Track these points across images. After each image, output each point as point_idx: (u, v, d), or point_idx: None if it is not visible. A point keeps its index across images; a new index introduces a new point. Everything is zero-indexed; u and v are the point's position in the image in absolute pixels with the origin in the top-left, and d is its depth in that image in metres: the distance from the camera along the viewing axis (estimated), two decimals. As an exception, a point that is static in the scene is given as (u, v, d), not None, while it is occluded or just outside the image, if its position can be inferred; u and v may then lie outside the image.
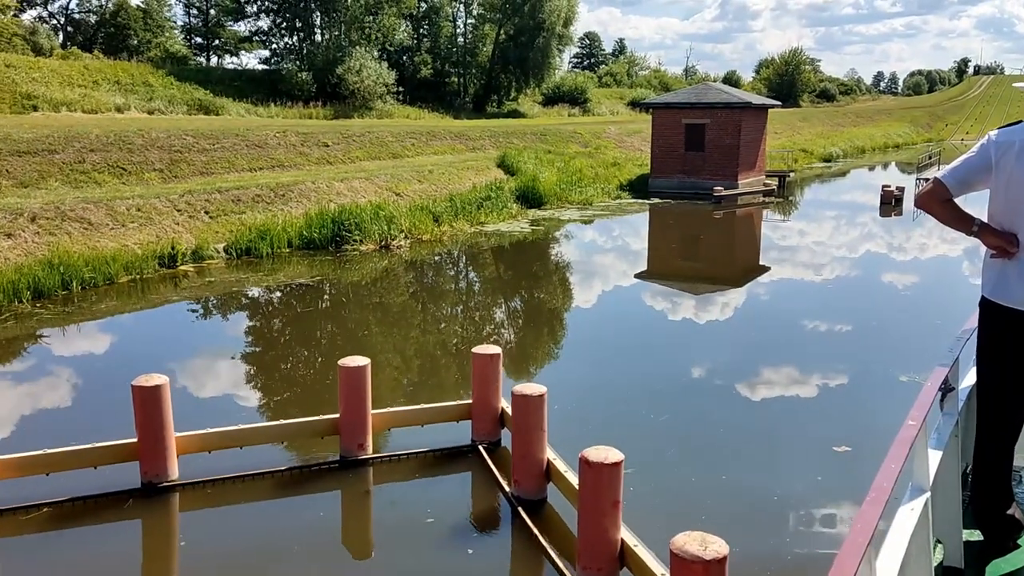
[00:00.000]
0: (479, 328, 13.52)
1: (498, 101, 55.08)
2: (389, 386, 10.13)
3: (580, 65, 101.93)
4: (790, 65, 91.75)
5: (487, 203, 24.68)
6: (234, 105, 38.35)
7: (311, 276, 17.19)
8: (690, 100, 31.92)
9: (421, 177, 26.30)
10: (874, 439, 8.51)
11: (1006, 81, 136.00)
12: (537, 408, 6.79)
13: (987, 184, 3.42)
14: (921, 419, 2.77)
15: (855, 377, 10.93)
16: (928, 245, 23.50)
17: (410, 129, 32.92)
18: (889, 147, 63.34)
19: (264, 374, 11.04)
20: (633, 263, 20.19)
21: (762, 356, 11.78)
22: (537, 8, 51.89)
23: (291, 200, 21.50)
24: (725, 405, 9.75)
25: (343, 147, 28.11)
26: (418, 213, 22.02)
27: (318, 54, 44.05)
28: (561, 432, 8.30)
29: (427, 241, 20.88)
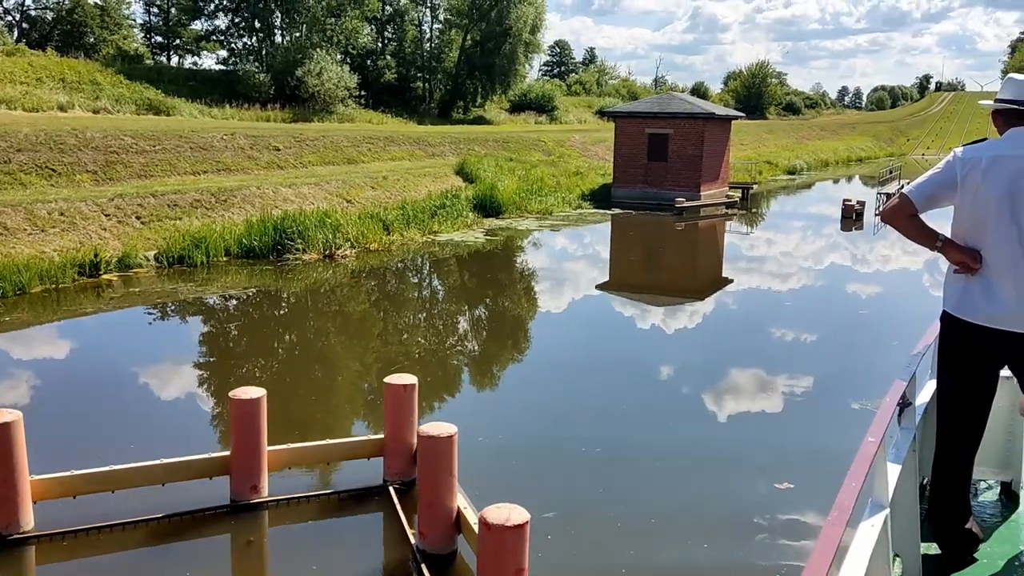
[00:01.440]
0: (410, 349, 12.66)
1: (464, 107, 54.27)
2: (296, 418, 9.25)
3: (550, 73, 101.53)
4: (757, 78, 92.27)
5: (442, 211, 23.88)
6: (187, 106, 37.08)
7: (244, 287, 16.26)
8: (653, 109, 31.44)
9: (375, 183, 25.43)
10: (817, 475, 7.90)
11: (967, 98, 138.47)
12: (446, 450, 6.00)
13: (952, 200, 3.39)
14: (880, 435, 2.77)
15: (807, 403, 10.31)
16: (890, 257, 23.20)
17: (368, 134, 32.02)
18: (852, 161, 63.70)
19: (152, 403, 9.94)
20: (589, 275, 19.51)
21: (714, 379, 11.12)
22: (504, 15, 51.25)
23: (233, 206, 20.51)
24: (667, 434, 9.05)
25: (295, 151, 27.14)
26: (367, 221, 21.14)
27: (277, 55, 42.92)
28: (484, 470, 7.53)
29: (375, 251, 20.01)
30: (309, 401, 10.14)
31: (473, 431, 8.32)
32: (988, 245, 3.31)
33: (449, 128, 41.22)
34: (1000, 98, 3.42)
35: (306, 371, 11.30)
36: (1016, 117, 3.35)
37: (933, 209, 3.40)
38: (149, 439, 8.20)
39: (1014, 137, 3.33)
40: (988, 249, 3.31)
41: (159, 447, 7.22)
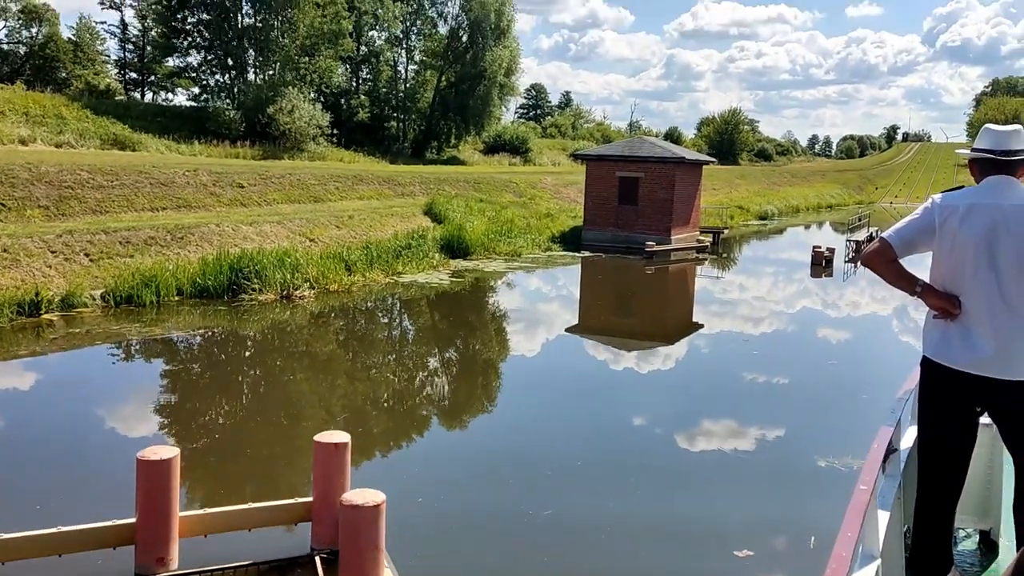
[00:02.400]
0: (354, 401, 12.04)
1: (438, 147, 54.18)
2: (216, 478, 8.59)
3: (527, 116, 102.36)
4: (729, 124, 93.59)
5: (407, 252, 23.40)
6: (154, 141, 36.50)
7: (192, 329, 15.60)
8: (624, 153, 31.40)
9: (340, 222, 24.94)
10: (779, 540, 7.40)
11: (933, 148, 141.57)
12: (371, 521, 5.44)
13: (930, 246, 3.40)
14: (872, 483, 2.78)
15: (772, 460, 9.84)
16: (859, 304, 23.05)
17: (336, 172, 31.61)
18: (822, 207, 64.38)
19: (56, 461, 9.05)
20: (556, 319, 19.07)
21: (676, 434, 10.64)
22: (479, 57, 51.51)
23: (190, 243, 19.89)
24: (624, 495, 8.51)
25: (260, 188, 26.61)
26: (329, 261, 20.60)
27: (249, 93, 42.61)
28: (420, 539, 6.94)
29: (334, 292, 19.43)
30: (233, 459, 9.43)
31: (413, 492, 7.75)
32: (967, 291, 3.30)
33: (421, 168, 40.98)
34: (977, 147, 3.44)
35: (235, 424, 10.63)
36: (992, 166, 3.37)
37: (912, 255, 3.41)
38: (46, 502, 7.50)
39: (990, 185, 3.34)
40: (967, 295, 3.30)
41: (58, 512, 6.55)
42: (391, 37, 52.66)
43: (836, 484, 8.91)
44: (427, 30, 53.93)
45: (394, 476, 8.77)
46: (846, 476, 8.99)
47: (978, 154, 3.42)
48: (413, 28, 53.34)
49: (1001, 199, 3.26)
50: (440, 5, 53.18)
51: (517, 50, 54.85)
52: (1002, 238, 3.21)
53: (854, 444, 9.84)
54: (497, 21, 51.59)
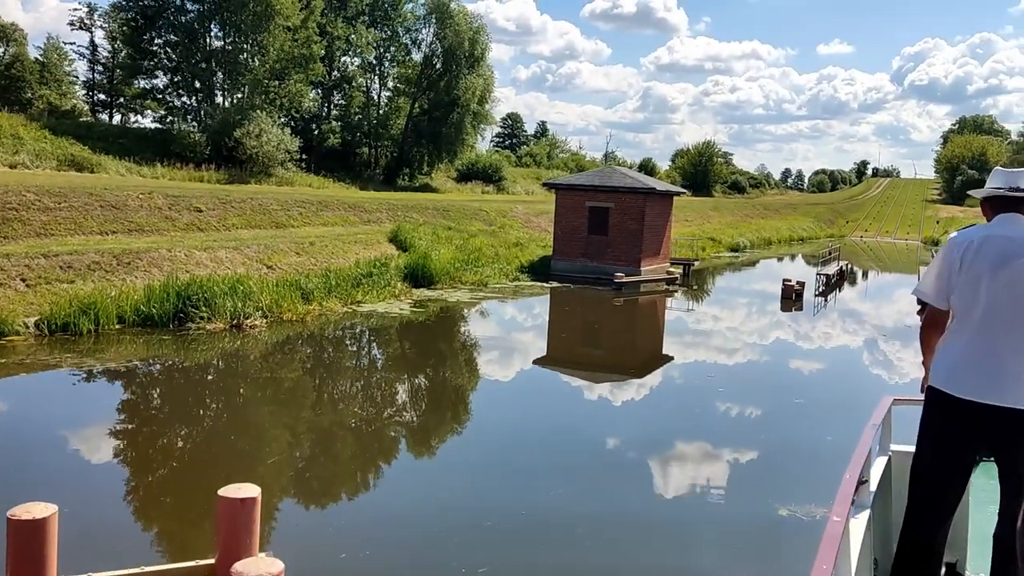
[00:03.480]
0: (288, 446, 11.29)
1: (410, 175, 53.71)
2: (104, 537, 7.77)
3: (502, 144, 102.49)
4: (704, 156, 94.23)
5: (368, 280, 22.70)
6: (114, 163, 35.60)
7: (127, 360, 14.76)
8: (594, 182, 31.05)
9: (300, 249, 24.20)
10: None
11: (902, 184, 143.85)
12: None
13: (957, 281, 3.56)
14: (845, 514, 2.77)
15: (731, 509, 9.23)
16: (829, 336, 22.70)
17: (299, 197, 30.91)
18: (794, 240, 64.63)
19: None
20: (517, 353, 18.43)
21: (633, 479, 10.00)
22: (453, 84, 51.31)
23: (138, 269, 19.05)
24: (568, 549, 7.83)
25: (219, 213, 25.84)
26: (285, 289, 19.84)
27: (216, 116, 41.91)
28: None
29: (288, 321, 18.66)
30: (128, 514, 8.55)
31: (331, 552, 7.02)
32: (978, 319, 3.44)
33: (389, 195, 40.40)
34: (991, 186, 3.68)
35: (139, 474, 9.72)
36: (1003, 203, 3.63)
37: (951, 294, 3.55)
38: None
39: (1002, 221, 3.59)
40: (978, 324, 3.44)
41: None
42: (364, 63, 52.34)
43: (797, 536, 8.32)
44: (401, 57, 53.70)
45: (314, 534, 8.04)
46: (808, 527, 8.41)
47: (992, 192, 3.66)
48: (387, 54, 53.09)
49: (1012, 232, 3.49)
50: (414, 32, 53.06)
51: (491, 78, 54.77)
52: (1015, 268, 3.40)
53: (817, 491, 9.28)
54: (471, 49, 51.49)
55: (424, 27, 52.70)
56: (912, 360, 19.64)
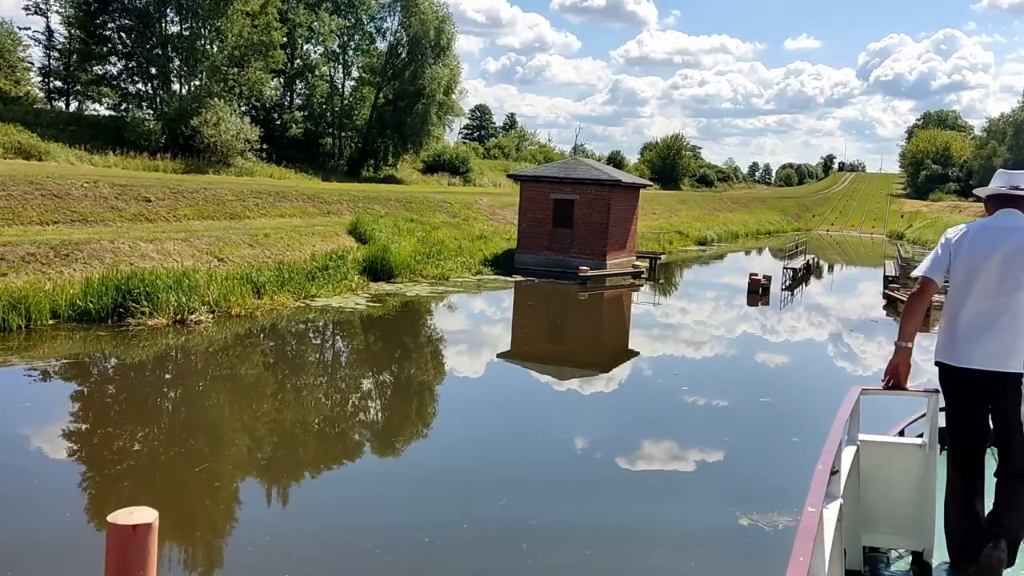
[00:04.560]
0: (210, 458, 10.58)
1: (375, 166, 52.70)
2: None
3: (470, 136, 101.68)
4: (672, 150, 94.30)
5: (324, 274, 21.92)
6: (64, 151, 34.28)
7: (58, 357, 13.89)
8: (559, 174, 30.49)
9: (254, 241, 23.33)
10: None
11: (867, 178, 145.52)
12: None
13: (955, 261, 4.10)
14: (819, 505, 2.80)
15: (690, 518, 8.73)
16: (795, 330, 22.43)
17: (256, 188, 29.96)
18: (762, 234, 64.74)
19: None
20: (473, 349, 17.83)
21: (588, 482, 9.44)
22: (418, 74, 50.36)
23: (77, 261, 18.10)
24: (517, 562, 7.26)
25: (169, 203, 24.84)
26: (235, 282, 19.01)
27: (172, 103, 40.63)
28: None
29: (237, 316, 17.85)
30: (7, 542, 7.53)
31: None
32: (974, 297, 3.95)
33: (351, 186, 39.50)
34: (994, 185, 4.16)
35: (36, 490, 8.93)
36: (1002, 201, 4.11)
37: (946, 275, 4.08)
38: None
39: (1001, 215, 4.09)
40: (975, 301, 3.96)
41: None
42: (327, 51, 51.20)
43: (758, 546, 7.84)
44: (365, 45, 52.61)
45: (231, 559, 7.37)
46: (770, 538, 7.93)
47: (995, 190, 4.15)
48: (351, 43, 51.97)
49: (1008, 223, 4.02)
50: (379, 21, 52.02)
51: (457, 68, 53.94)
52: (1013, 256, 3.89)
53: (780, 498, 8.81)
54: (437, 38, 50.59)
55: (389, 15, 51.74)
56: (875, 353, 19.64)
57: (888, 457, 4.37)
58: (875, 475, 4.28)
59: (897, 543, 4.40)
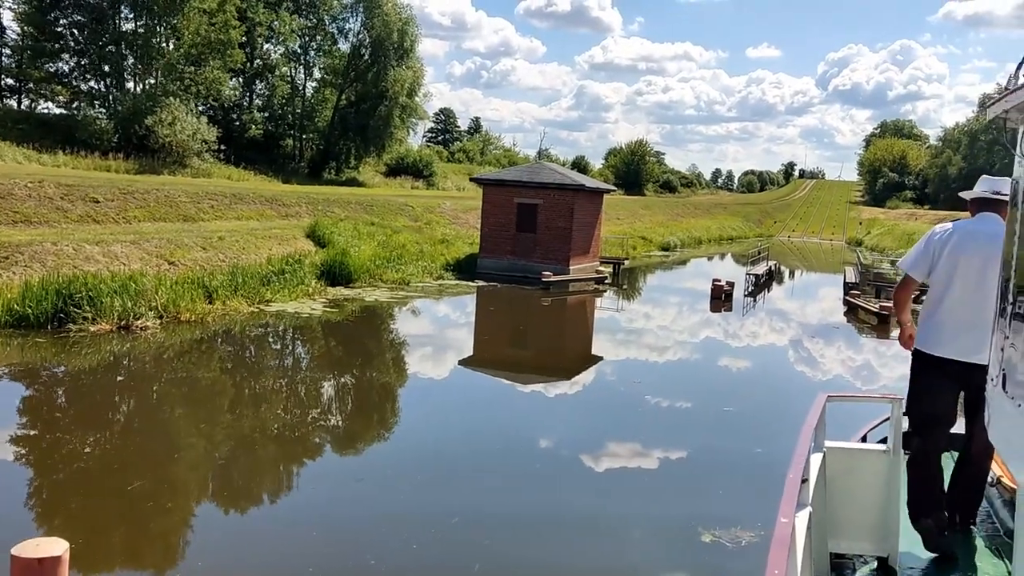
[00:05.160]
0: (155, 472, 10.02)
1: (337, 168, 51.90)
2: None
3: (435, 140, 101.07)
4: (636, 155, 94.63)
5: (280, 278, 21.28)
6: (12, 150, 33.08)
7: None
8: (523, 178, 30.16)
9: (207, 244, 22.58)
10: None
11: (827, 185, 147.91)
12: None
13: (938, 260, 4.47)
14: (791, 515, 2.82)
15: (650, 535, 8.39)
16: (757, 335, 22.36)
17: (212, 189, 29.15)
18: (724, 239, 65.16)
19: None
20: (434, 358, 17.38)
21: (549, 495, 9.06)
22: (381, 76, 49.74)
23: (17, 264, 17.27)
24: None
25: (119, 204, 23.99)
26: (185, 287, 18.31)
27: (126, 102, 39.51)
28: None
29: (186, 322, 17.17)
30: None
31: None
32: (955, 294, 4.29)
33: (310, 188, 38.75)
34: (978, 190, 4.45)
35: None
36: (985, 204, 4.42)
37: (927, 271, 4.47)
38: None
39: (983, 218, 4.39)
40: (955, 297, 4.29)
41: None
42: (288, 51, 50.34)
43: (722, 566, 7.53)
44: (327, 46, 51.85)
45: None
46: (732, 555, 7.62)
47: (978, 194, 4.43)
48: (312, 43, 51.17)
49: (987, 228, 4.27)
50: (341, 21, 51.32)
51: (421, 71, 53.42)
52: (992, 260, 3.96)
53: (744, 513, 8.52)
54: (400, 40, 50.04)
55: (351, 16, 51.06)
56: (834, 357, 19.96)
57: (853, 463, 4.39)
58: (841, 481, 4.29)
59: (862, 549, 4.40)
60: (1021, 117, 2.85)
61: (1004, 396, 2.79)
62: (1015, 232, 2.78)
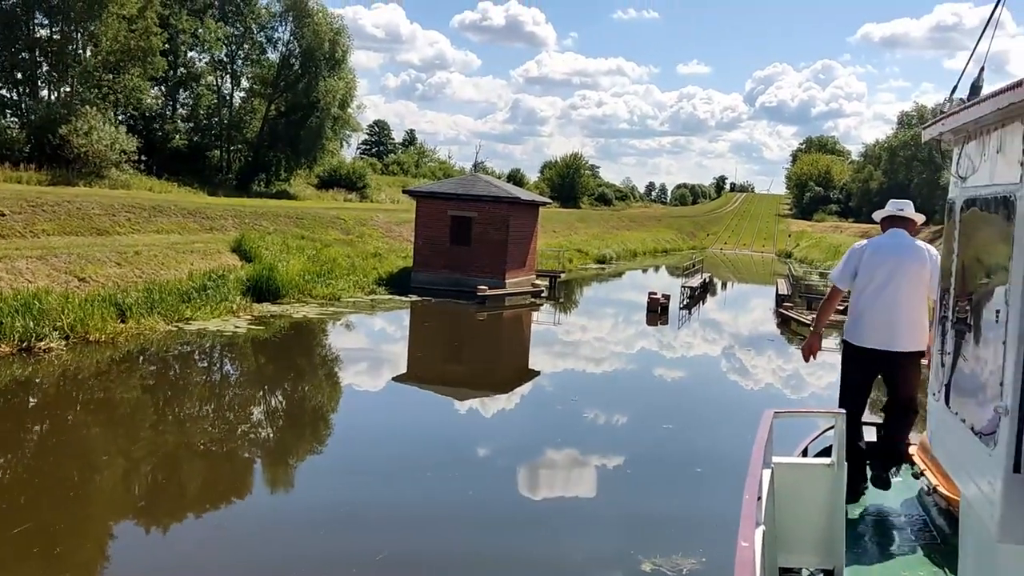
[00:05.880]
0: (42, 515, 9.14)
1: (267, 180, 50.41)
2: None
3: (369, 152, 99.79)
4: (571, 168, 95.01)
5: (202, 294, 20.24)
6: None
7: None
8: (457, 191, 29.65)
9: (122, 259, 21.36)
10: None
11: (756, 199, 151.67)
12: None
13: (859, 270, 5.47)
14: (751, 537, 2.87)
15: (587, 563, 7.93)
16: (692, 347, 22.28)
17: (129, 202, 27.77)
18: (659, 252, 65.82)
19: None
20: (364, 376, 16.66)
21: (479, 521, 8.52)
22: (312, 87, 48.57)
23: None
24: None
25: (25, 217, 22.51)
26: (96, 305, 17.17)
27: (39, 110, 37.56)
28: None
29: (96, 343, 16.06)
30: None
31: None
32: (872, 295, 5.26)
33: (238, 201, 37.42)
34: (887, 211, 5.56)
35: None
36: (892, 221, 5.51)
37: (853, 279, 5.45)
38: None
39: (892, 233, 5.47)
40: (872, 298, 5.26)
41: None
42: (214, 60, 48.78)
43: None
44: (255, 55, 50.46)
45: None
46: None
47: (887, 212, 5.52)
48: (239, 52, 49.74)
49: (895, 241, 5.39)
50: (269, 30, 49.97)
51: (354, 82, 52.46)
52: (900, 265, 5.22)
53: (685, 538, 8.13)
54: (332, 50, 49.01)
55: (280, 25, 49.75)
56: (762, 366, 20.31)
57: (799, 477, 4.47)
58: (788, 496, 4.37)
59: (809, 562, 4.47)
60: (955, 139, 3.00)
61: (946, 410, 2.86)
62: (952, 248, 2.93)
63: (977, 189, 2.73)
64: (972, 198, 2.78)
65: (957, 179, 2.95)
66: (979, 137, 2.75)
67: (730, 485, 8.65)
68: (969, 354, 2.68)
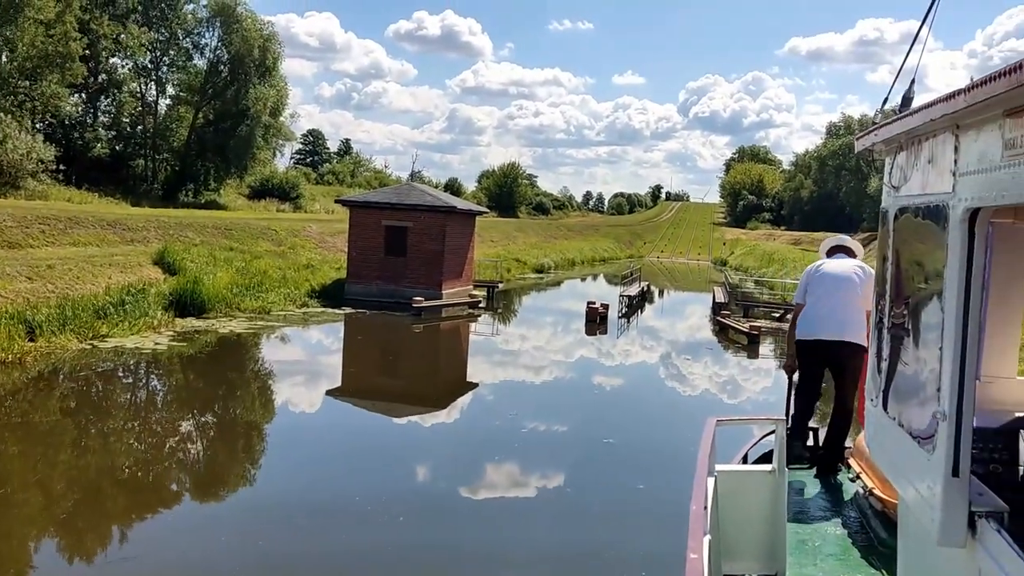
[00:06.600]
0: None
1: (195, 190, 48.78)
2: None
3: (303, 162, 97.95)
4: (509, 178, 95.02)
5: (119, 310, 19.18)
6: None
7: None
8: (391, 200, 29.04)
9: (34, 273, 20.12)
10: None
11: (691, 207, 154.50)
12: None
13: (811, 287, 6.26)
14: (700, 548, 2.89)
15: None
16: (629, 354, 22.21)
17: (45, 213, 26.33)
18: (597, 260, 66.09)
19: None
20: (298, 392, 15.96)
21: (413, 543, 8.03)
22: (242, 95, 47.26)
23: None
24: None
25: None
26: (3, 323, 16.05)
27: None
28: None
29: (2, 363, 14.96)
30: None
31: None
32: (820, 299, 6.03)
33: (162, 211, 36.00)
34: (831, 244, 6.67)
35: None
36: (835, 251, 6.53)
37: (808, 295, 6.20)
38: None
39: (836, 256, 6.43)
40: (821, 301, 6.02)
41: None
42: (137, 66, 47.06)
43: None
44: (181, 61, 48.87)
45: None
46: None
47: (831, 244, 6.66)
48: (165, 58, 48.12)
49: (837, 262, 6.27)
50: (196, 36, 48.50)
51: (285, 90, 51.32)
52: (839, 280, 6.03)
53: (629, 560, 7.79)
54: (262, 57, 47.84)
55: (208, 31, 48.35)
56: (701, 374, 20.40)
57: (742, 484, 4.52)
58: (731, 503, 4.39)
59: (753, 568, 4.55)
60: (887, 150, 3.04)
61: (884, 415, 2.89)
62: (886, 255, 2.97)
63: (911, 198, 2.77)
64: (905, 207, 2.83)
65: (890, 188, 3.00)
66: (910, 148, 2.78)
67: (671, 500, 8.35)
68: (907, 359, 2.71)
